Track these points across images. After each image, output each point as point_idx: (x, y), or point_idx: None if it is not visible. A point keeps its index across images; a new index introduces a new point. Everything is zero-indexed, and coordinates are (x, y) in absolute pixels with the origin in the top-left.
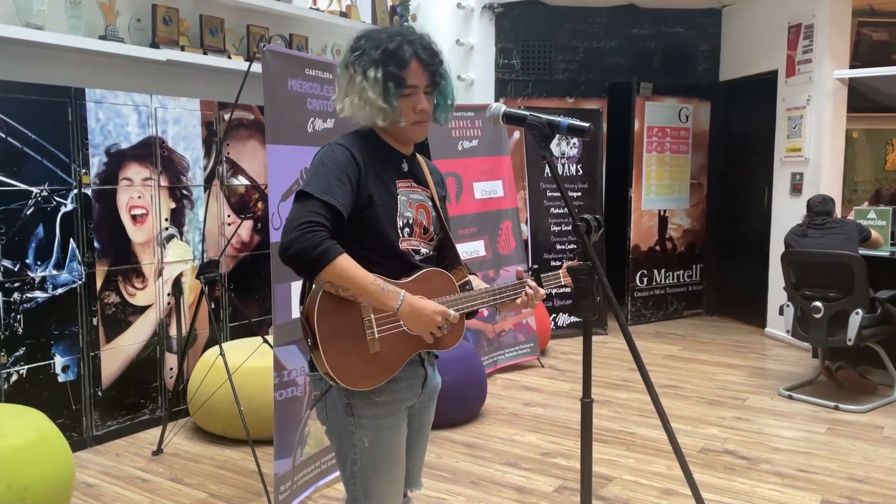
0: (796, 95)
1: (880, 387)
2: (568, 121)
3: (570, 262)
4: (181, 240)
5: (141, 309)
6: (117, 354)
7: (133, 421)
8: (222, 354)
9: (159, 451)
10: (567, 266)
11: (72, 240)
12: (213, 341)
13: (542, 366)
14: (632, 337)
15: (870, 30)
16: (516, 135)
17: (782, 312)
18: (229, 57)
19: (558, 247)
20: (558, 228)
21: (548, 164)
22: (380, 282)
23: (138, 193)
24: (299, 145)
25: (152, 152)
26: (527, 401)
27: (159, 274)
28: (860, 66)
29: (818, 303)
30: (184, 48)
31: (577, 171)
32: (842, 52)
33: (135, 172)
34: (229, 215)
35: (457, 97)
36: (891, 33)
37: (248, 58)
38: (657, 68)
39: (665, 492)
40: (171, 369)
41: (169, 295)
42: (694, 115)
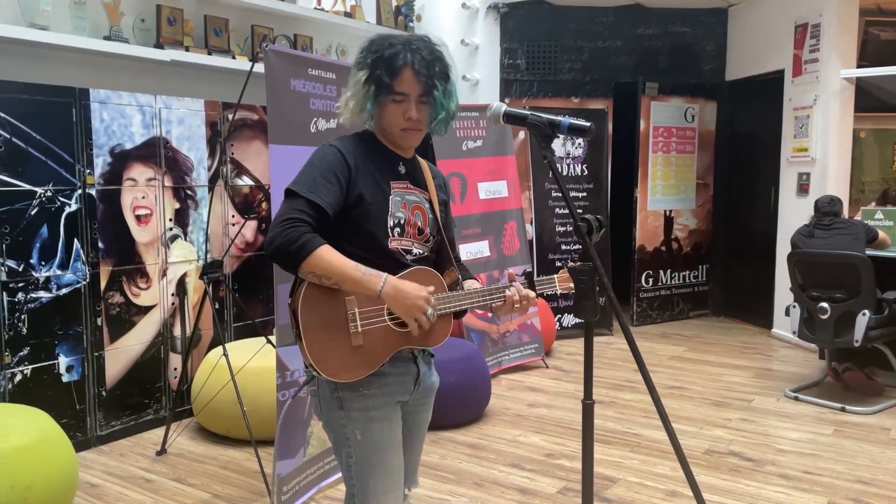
0: (803, 95)
1: (887, 388)
2: (569, 120)
3: (570, 265)
4: (185, 240)
5: (145, 309)
6: (121, 354)
7: (137, 421)
8: (225, 355)
9: (163, 451)
10: (568, 267)
11: (76, 240)
12: (216, 341)
13: (547, 366)
14: (633, 337)
15: (877, 29)
16: (521, 135)
17: (789, 313)
18: (234, 57)
19: (563, 247)
20: (563, 229)
21: (549, 163)
22: (362, 267)
23: (142, 194)
24: (302, 145)
25: (156, 153)
26: (531, 402)
27: (163, 274)
28: (867, 66)
29: (825, 304)
30: (188, 49)
31: (582, 171)
32: (849, 52)
33: (139, 173)
34: (233, 215)
35: (456, 112)
36: None
37: (253, 58)
38: (663, 68)
39: (669, 493)
40: (175, 369)
41: (173, 295)
42: (700, 114)
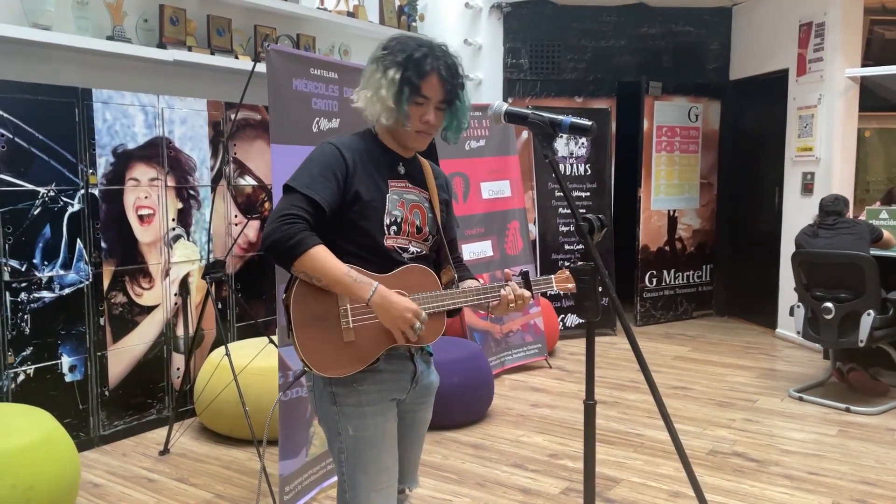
0: (807, 94)
1: (892, 389)
2: (570, 119)
3: (572, 265)
4: (188, 240)
5: (148, 309)
6: (124, 354)
7: (140, 421)
8: (228, 355)
9: (166, 451)
10: (570, 267)
11: (79, 240)
12: (219, 341)
13: (550, 367)
14: (635, 337)
15: (882, 28)
16: (524, 135)
17: (793, 313)
18: (236, 57)
19: (566, 247)
20: (566, 228)
21: (550, 162)
22: (353, 273)
23: (145, 193)
24: (304, 145)
25: (159, 152)
26: (534, 402)
27: (166, 274)
28: (872, 65)
29: (829, 304)
30: (191, 48)
31: (585, 170)
32: (853, 51)
33: (142, 173)
34: (236, 215)
35: (468, 123)
36: None
37: (255, 58)
38: (666, 67)
39: (673, 494)
40: (177, 369)
41: (176, 295)
42: (704, 114)
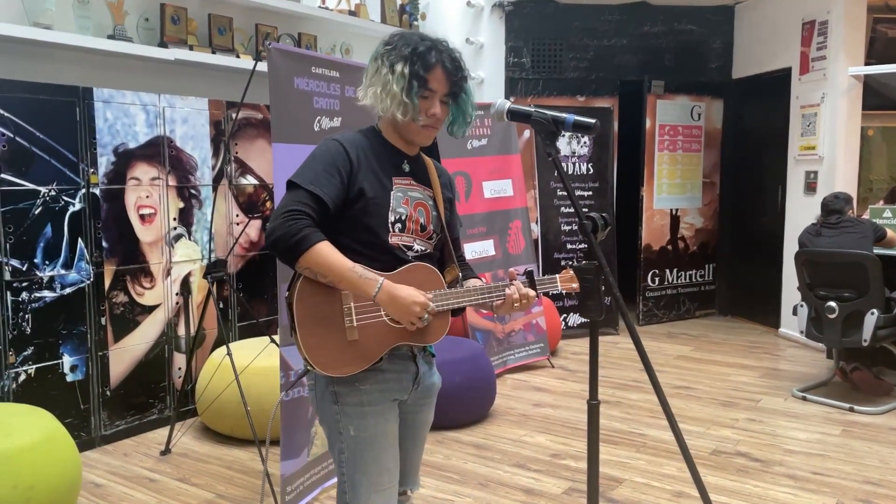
0: (810, 93)
1: None
2: (574, 117)
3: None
4: (189, 239)
5: (149, 308)
6: (125, 354)
7: (141, 421)
8: (229, 354)
9: (167, 450)
10: (573, 266)
11: (80, 239)
12: (221, 341)
13: (553, 366)
14: (638, 336)
15: (885, 26)
16: (526, 134)
17: (796, 313)
18: (238, 56)
19: (569, 246)
20: (569, 228)
21: (553, 160)
22: (358, 269)
23: (146, 193)
24: (305, 144)
25: (160, 152)
26: (536, 401)
27: (167, 273)
28: (875, 63)
29: (832, 303)
30: (192, 47)
31: (587, 169)
32: (857, 49)
33: (143, 172)
34: (237, 215)
35: (474, 115)
36: None
37: (256, 57)
38: (669, 66)
39: (676, 494)
40: (179, 369)
41: (177, 294)
42: (706, 113)
